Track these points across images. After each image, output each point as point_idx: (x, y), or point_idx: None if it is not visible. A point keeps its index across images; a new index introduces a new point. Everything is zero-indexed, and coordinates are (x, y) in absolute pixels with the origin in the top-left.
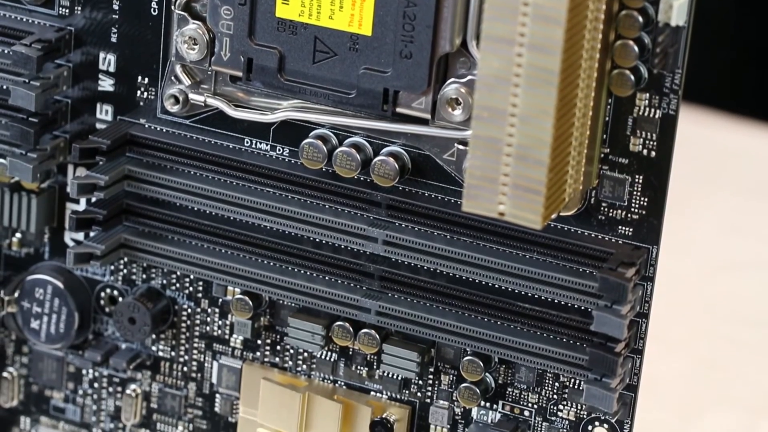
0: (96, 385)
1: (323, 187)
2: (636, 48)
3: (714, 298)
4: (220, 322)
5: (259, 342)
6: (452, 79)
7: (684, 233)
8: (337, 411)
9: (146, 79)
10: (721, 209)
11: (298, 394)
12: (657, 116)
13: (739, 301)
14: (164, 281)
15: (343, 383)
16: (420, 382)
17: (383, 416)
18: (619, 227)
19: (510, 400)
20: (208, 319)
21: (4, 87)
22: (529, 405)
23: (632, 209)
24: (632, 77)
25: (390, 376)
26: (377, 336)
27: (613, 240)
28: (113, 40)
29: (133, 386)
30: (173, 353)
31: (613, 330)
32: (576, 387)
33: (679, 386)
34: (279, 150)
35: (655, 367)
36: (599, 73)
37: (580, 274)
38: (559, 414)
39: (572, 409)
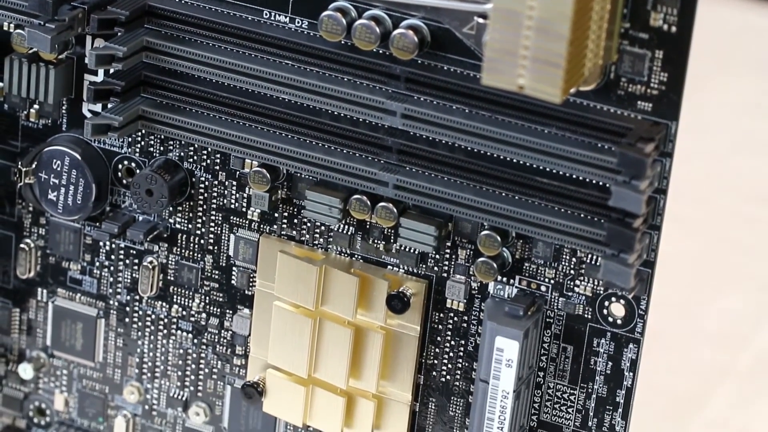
0: (113, 257)
1: (342, 59)
2: None
3: (731, 177)
4: (237, 195)
5: (276, 215)
6: None
7: (703, 112)
8: (353, 284)
9: None
10: (740, 89)
11: (314, 267)
12: None
13: (757, 180)
14: (182, 153)
15: (360, 257)
16: (437, 256)
17: (400, 290)
18: (639, 102)
19: (527, 275)
20: (226, 191)
21: None
22: (546, 280)
23: (652, 85)
24: None
25: (407, 249)
26: (395, 209)
27: (632, 115)
28: None
29: (149, 258)
30: (190, 225)
31: (632, 205)
32: (593, 262)
33: (694, 264)
34: (298, 22)
35: (671, 246)
36: None
37: (598, 149)
38: (576, 289)
39: (589, 284)
